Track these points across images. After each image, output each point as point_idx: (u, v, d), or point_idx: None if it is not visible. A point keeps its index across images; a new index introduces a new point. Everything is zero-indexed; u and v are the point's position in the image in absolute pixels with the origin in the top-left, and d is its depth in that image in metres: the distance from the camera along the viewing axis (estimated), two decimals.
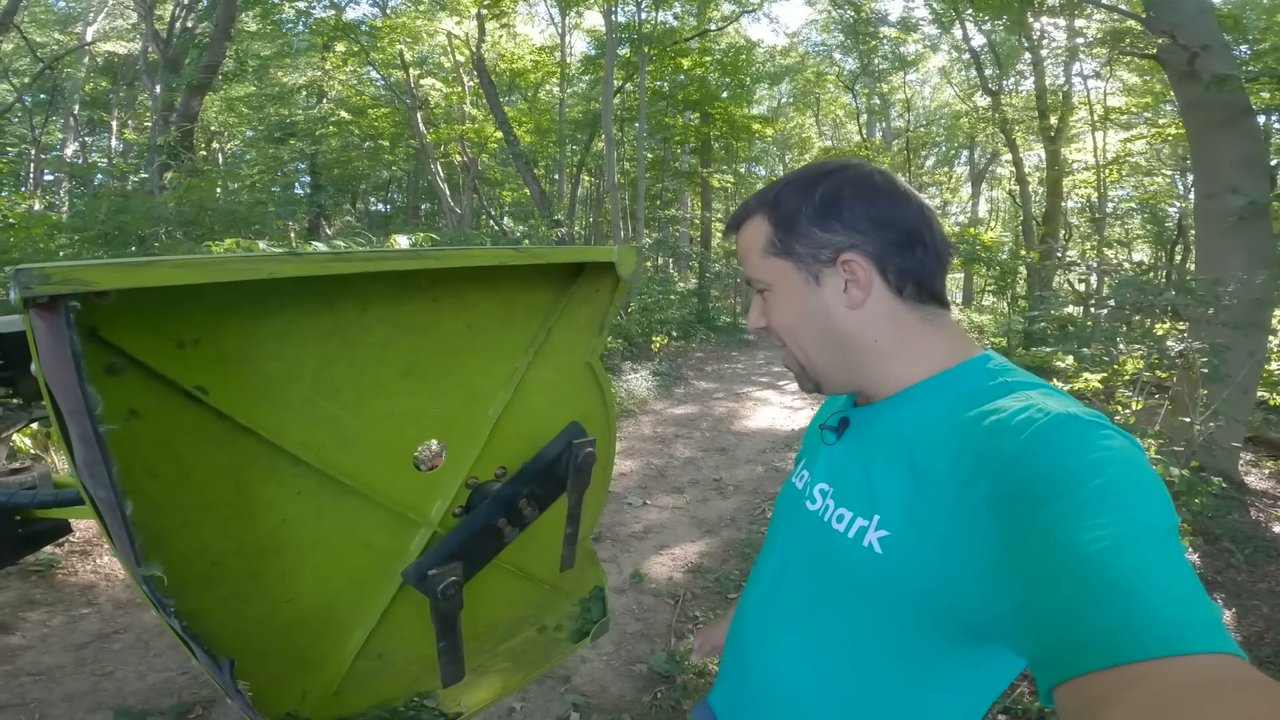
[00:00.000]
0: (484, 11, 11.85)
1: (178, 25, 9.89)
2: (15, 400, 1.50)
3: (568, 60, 15.28)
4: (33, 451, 3.82)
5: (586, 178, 18.45)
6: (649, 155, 16.30)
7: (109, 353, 0.67)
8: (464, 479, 1.07)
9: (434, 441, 1.03)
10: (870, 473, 0.71)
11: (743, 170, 17.40)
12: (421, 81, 14.58)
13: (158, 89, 9.63)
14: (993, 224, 23.65)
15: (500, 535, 1.08)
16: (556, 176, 16.56)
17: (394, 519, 0.99)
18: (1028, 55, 14.22)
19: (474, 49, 12.24)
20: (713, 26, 14.24)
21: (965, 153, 22.23)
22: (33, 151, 14.64)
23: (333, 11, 12.25)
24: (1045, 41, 12.87)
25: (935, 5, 14.07)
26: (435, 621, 0.96)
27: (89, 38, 12.81)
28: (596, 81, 14.66)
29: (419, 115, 14.09)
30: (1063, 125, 13.86)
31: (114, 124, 16.15)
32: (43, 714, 2.18)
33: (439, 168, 15.37)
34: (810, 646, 0.76)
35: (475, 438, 1.07)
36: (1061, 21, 11.87)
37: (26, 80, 12.45)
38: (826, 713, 0.76)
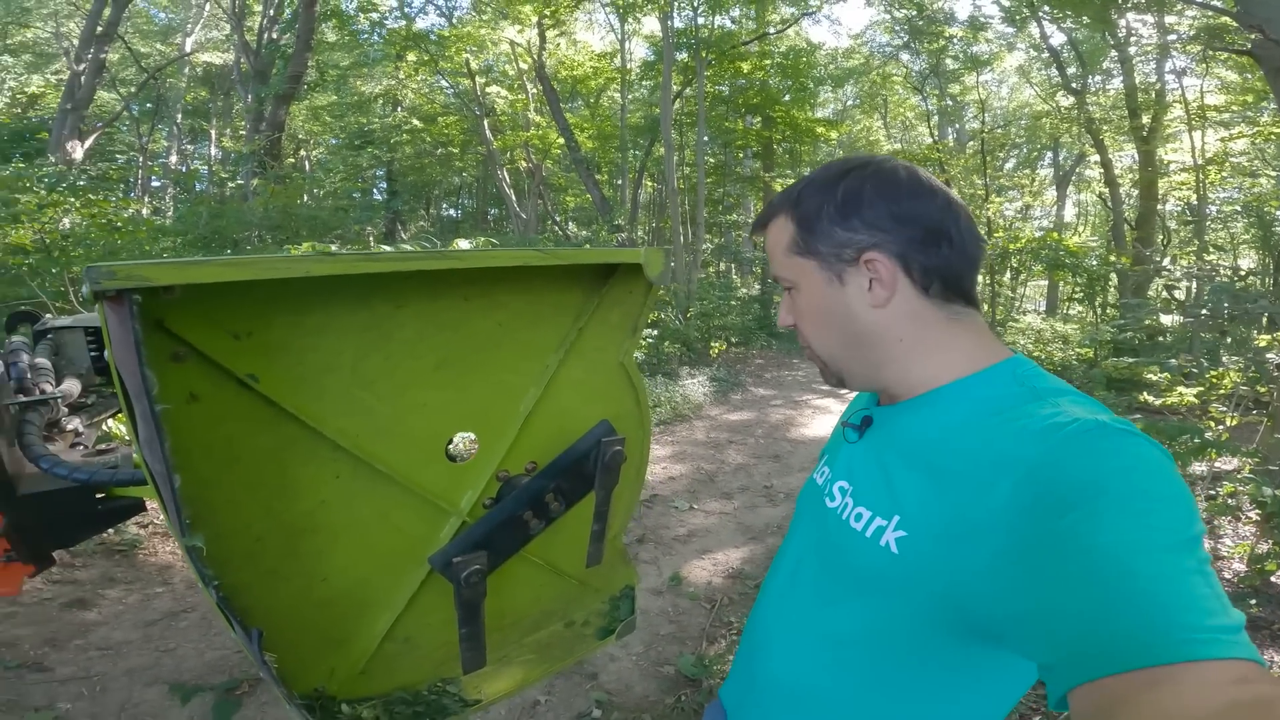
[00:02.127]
0: (544, 20, 12.11)
1: (265, 36, 10.55)
2: (110, 389, 1.64)
3: (627, 66, 15.39)
4: (125, 437, 4.15)
5: (649, 183, 18.56)
6: (710, 160, 16.24)
7: (173, 342, 0.74)
8: (494, 471, 1.11)
9: (466, 434, 1.07)
10: (890, 473, 0.71)
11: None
12: (488, 89, 15.02)
13: (249, 98, 10.31)
14: (1080, 229, 22.37)
15: (526, 528, 1.11)
16: (618, 182, 16.73)
17: (425, 506, 1.03)
18: (1114, 53, 13.42)
19: (535, 56, 12.54)
20: (771, 30, 14.09)
21: (1049, 155, 21.14)
22: (140, 159, 15.85)
23: (404, 22, 12.84)
24: (1133, 39, 12.12)
25: (1006, 3, 13.47)
26: (458, 608, 1.00)
27: (188, 48, 13.80)
28: (656, 87, 14.73)
29: (486, 122, 14.52)
30: (1156, 125, 13.01)
31: (213, 132, 17.33)
32: (104, 686, 2.34)
33: (505, 174, 15.79)
34: (822, 643, 0.76)
35: (506, 431, 1.10)
36: (1149, 18, 11.16)
37: (133, 89, 13.51)
38: (834, 711, 0.75)
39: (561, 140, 13.45)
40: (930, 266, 0.70)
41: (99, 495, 1.39)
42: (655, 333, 9.05)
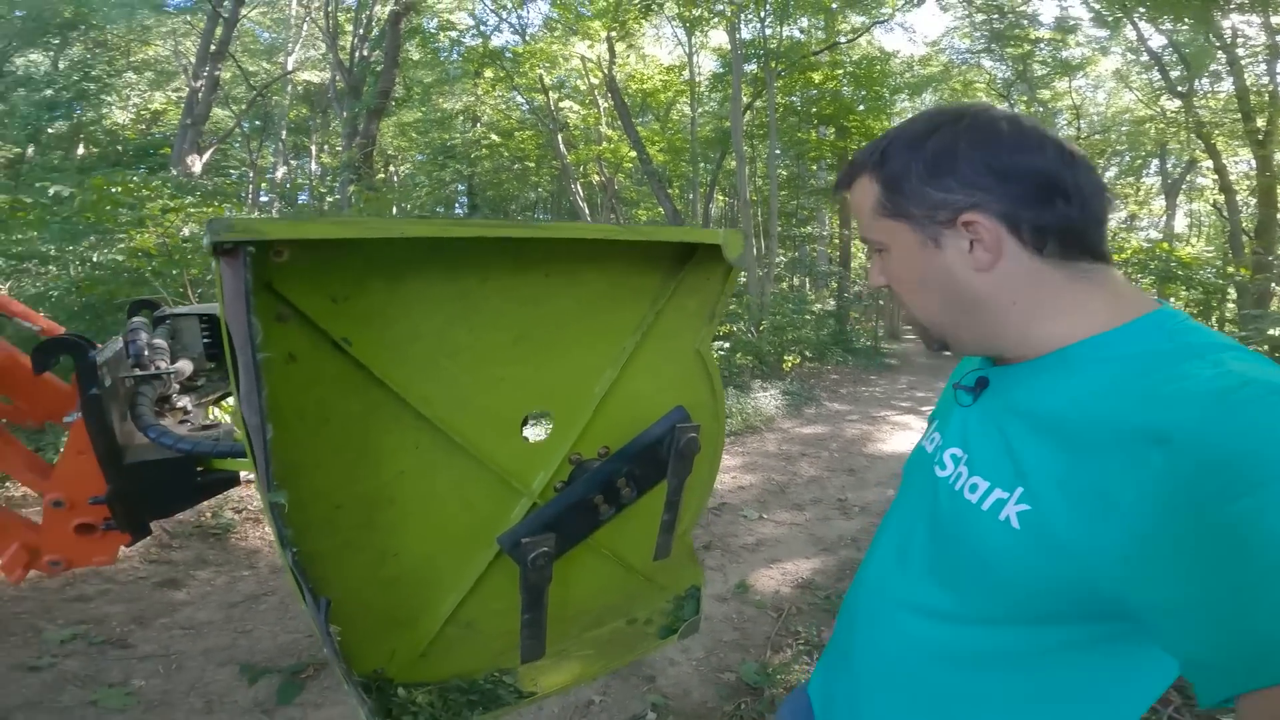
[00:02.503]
0: (613, 34, 12.34)
1: (357, 54, 11.23)
2: (219, 374, 1.75)
3: (696, 79, 15.46)
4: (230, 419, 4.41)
5: (720, 196, 18.53)
6: (782, 172, 16.06)
7: (279, 303, 0.78)
8: (567, 453, 1.10)
9: (541, 411, 1.07)
10: (1012, 441, 0.64)
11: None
12: (561, 104, 15.41)
13: (343, 113, 10.98)
14: (1194, 239, 20.76)
15: (596, 512, 1.10)
16: (690, 196, 16.77)
17: (498, 484, 1.03)
18: (1221, 54, 12.46)
19: (606, 71, 12.78)
20: (842, 39, 13.84)
21: (1155, 162, 19.76)
22: (250, 174, 17.07)
23: (480, 40, 13.37)
24: (1241, 40, 11.21)
25: (1096, 5, 12.72)
26: (522, 592, 0.99)
27: (290, 67, 14.83)
28: (726, 99, 14.72)
29: (560, 137, 14.90)
30: (1272, 128, 11.97)
31: (313, 148, 18.50)
32: (180, 665, 2.45)
33: (579, 188, 16.13)
34: (932, 626, 0.70)
35: (580, 413, 1.09)
36: (1255, 19, 10.30)
37: (243, 107, 14.61)
38: (945, 700, 0.69)
39: (633, 154, 13.63)
40: (1043, 224, 0.63)
41: (199, 469, 1.48)
42: (727, 345, 8.98)
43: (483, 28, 13.74)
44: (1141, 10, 11.91)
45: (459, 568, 1.06)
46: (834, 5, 12.93)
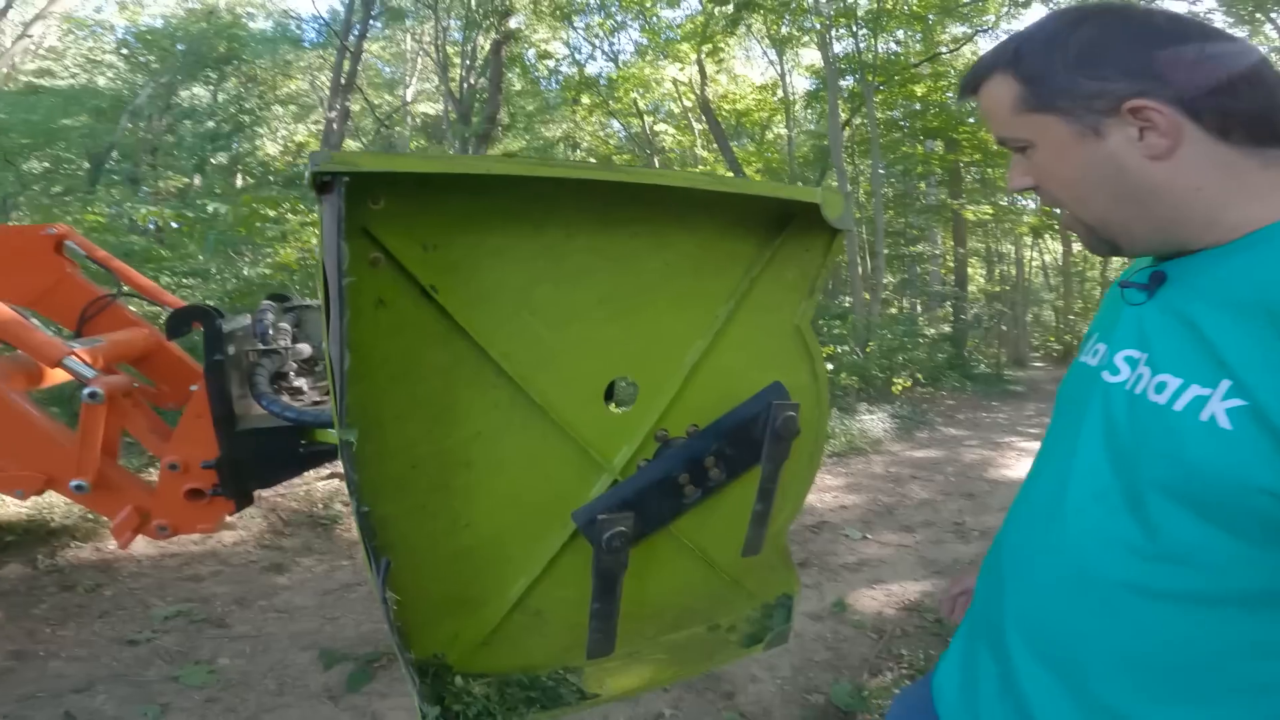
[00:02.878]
0: (703, 56, 12.45)
1: (465, 84, 11.98)
2: None
3: (790, 97, 15.28)
4: None
5: None
6: (888, 190, 15.49)
7: (373, 247, 0.79)
8: (653, 428, 1.04)
9: (626, 379, 1.02)
10: (1209, 332, 0.58)
11: (1004, 202, 15.52)
12: (655, 128, 15.68)
13: (455, 141, 11.70)
14: None
15: (680, 493, 1.02)
16: None
17: (578, 455, 0.98)
18: None
19: (698, 92, 12.89)
20: (944, 50, 13.23)
21: None
22: None
23: (576, 68, 13.94)
24: None
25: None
26: (594, 577, 0.94)
27: (409, 98, 16.03)
28: (823, 116, 14.43)
29: (656, 160, 15.14)
30: None
31: None
32: (266, 646, 2.53)
33: None
34: (1119, 568, 0.61)
35: (668, 383, 1.03)
36: None
37: (370, 138, 15.90)
38: (1140, 660, 0.60)
39: (730, 174, 13.62)
40: (1228, 109, 0.60)
41: (303, 440, 1.54)
42: (831, 366, 8.70)
43: (577, 56, 14.34)
44: None
45: (531, 546, 1.01)
46: (930, 17, 12.43)
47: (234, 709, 2.08)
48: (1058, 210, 0.72)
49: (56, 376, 1.59)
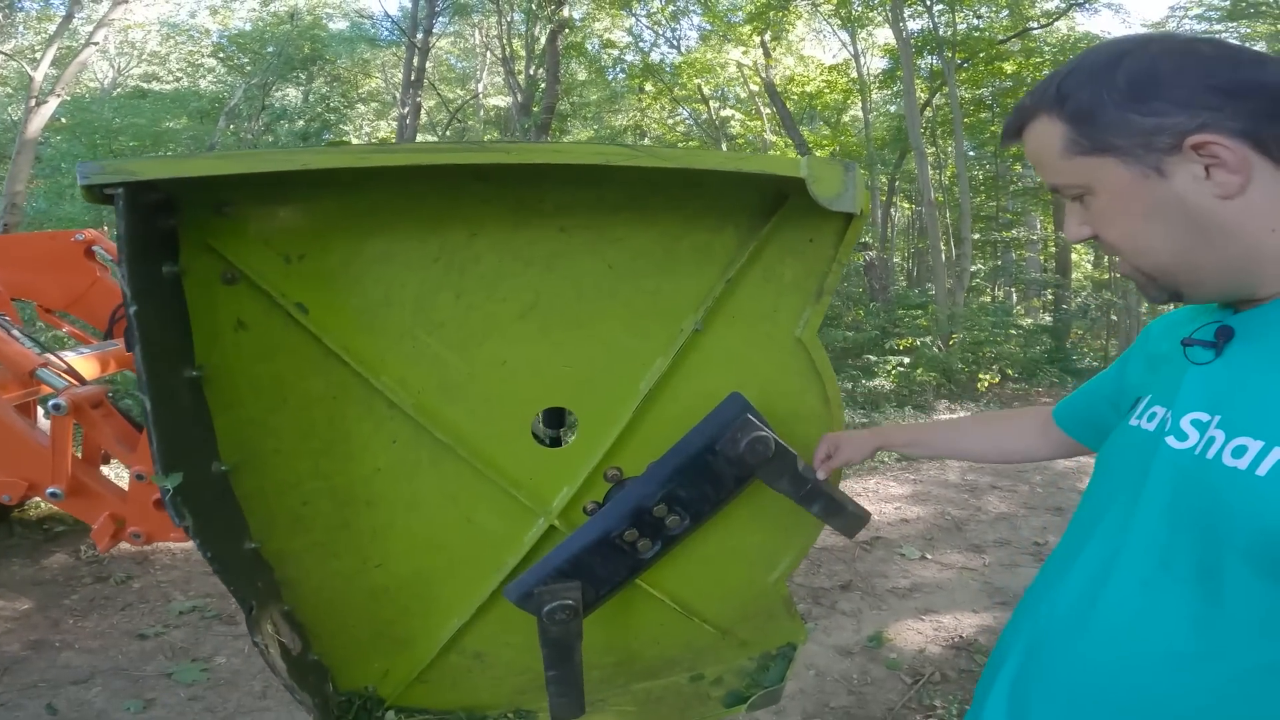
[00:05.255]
0: (766, 39, 12.01)
1: (522, 77, 12.03)
2: None
3: (865, 77, 14.54)
4: None
5: (905, 204, 17.25)
6: (977, 172, 14.53)
7: (222, 264, 0.68)
8: (599, 465, 0.86)
9: (560, 409, 0.85)
10: None
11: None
12: (722, 113, 15.30)
13: (517, 131, 11.81)
14: None
15: (632, 553, 0.84)
16: (871, 202, 15.74)
17: (503, 498, 0.83)
18: None
19: (763, 75, 12.44)
20: (1034, 26, 12.16)
21: None
22: None
23: (640, 56, 13.72)
24: None
25: None
26: (543, 646, 0.81)
27: (480, 92, 16.36)
28: (900, 95, 13.65)
29: (724, 146, 14.76)
30: None
31: None
32: None
33: None
34: (1198, 642, 0.58)
35: (617, 413, 0.85)
36: None
37: (444, 132, 16.36)
38: None
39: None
40: None
41: None
42: (907, 360, 8.20)
43: (640, 44, 14.13)
44: None
45: (458, 590, 0.89)
46: None
47: (213, 709, 2.08)
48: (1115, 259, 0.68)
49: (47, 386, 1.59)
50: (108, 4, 9.44)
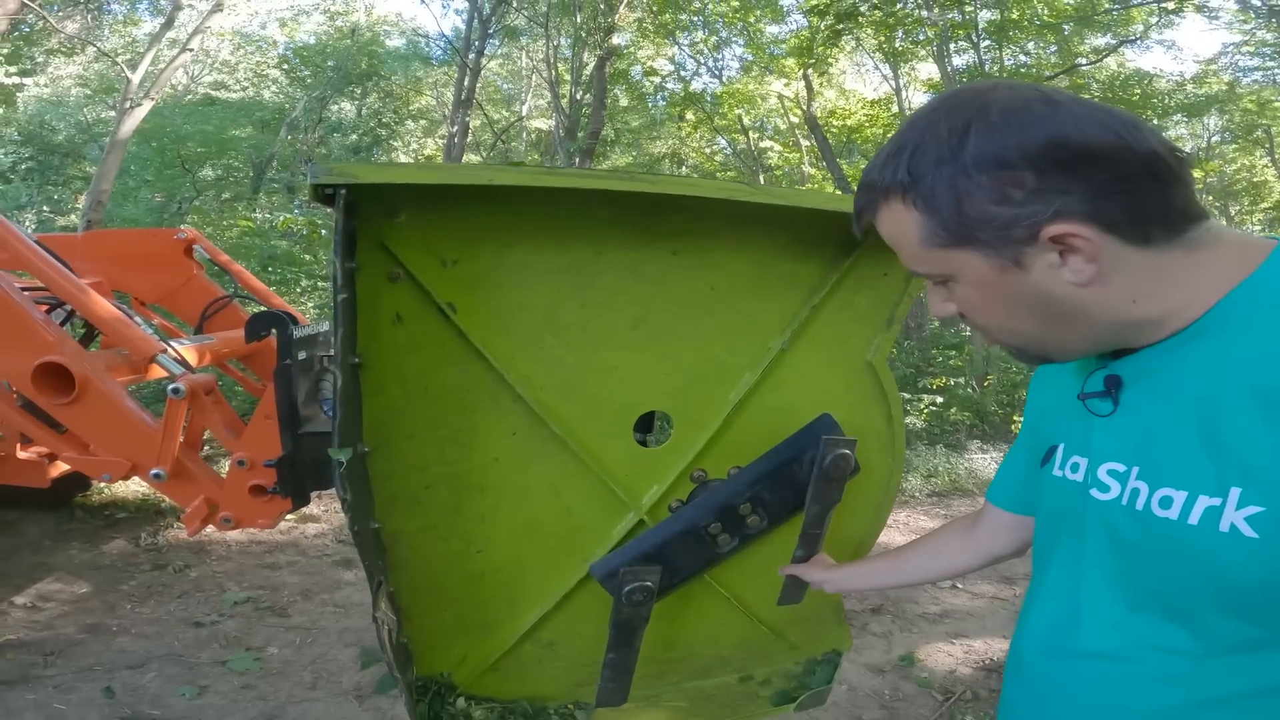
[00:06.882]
0: (810, 71, 12.11)
1: (565, 101, 12.31)
2: None
3: (907, 112, 14.57)
4: None
5: None
6: None
7: (391, 262, 0.77)
8: (688, 467, 0.94)
9: (659, 412, 0.94)
10: (1198, 430, 0.56)
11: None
12: (761, 145, 15.43)
13: (562, 155, 12.09)
14: None
15: (712, 545, 0.92)
16: None
17: (601, 491, 0.91)
18: None
19: (805, 108, 12.54)
20: (1083, 62, 12.07)
21: None
22: None
23: (681, 84, 13.92)
24: None
25: None
26: (612, 628, 0.88)
27: (524, 114, 16.75)
28: None
29: (762, 178, 14.88)
30: None
31: None
32: (315, 639, 2.55)
33: None
34: (1188, 666, 0.59)
35: (708, 420, 0.93)
36: None
37: (490, 152, 16.76)
38: None
39: (838, 193, 13.19)
40: (1142, 211, 0.55)
41: None
42: (940, 400, 8.14)
43: (682, 73, 14.34)
44: None
45: (547, 578, 0.96)
46: (1066, 26, 11.40)
47: (265, 697, 2.14)
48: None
49: (158, 371, 1.71)
50: (191, 12, 9.96)
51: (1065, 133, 0.54)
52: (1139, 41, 11.91)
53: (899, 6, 10.42)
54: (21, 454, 2.44)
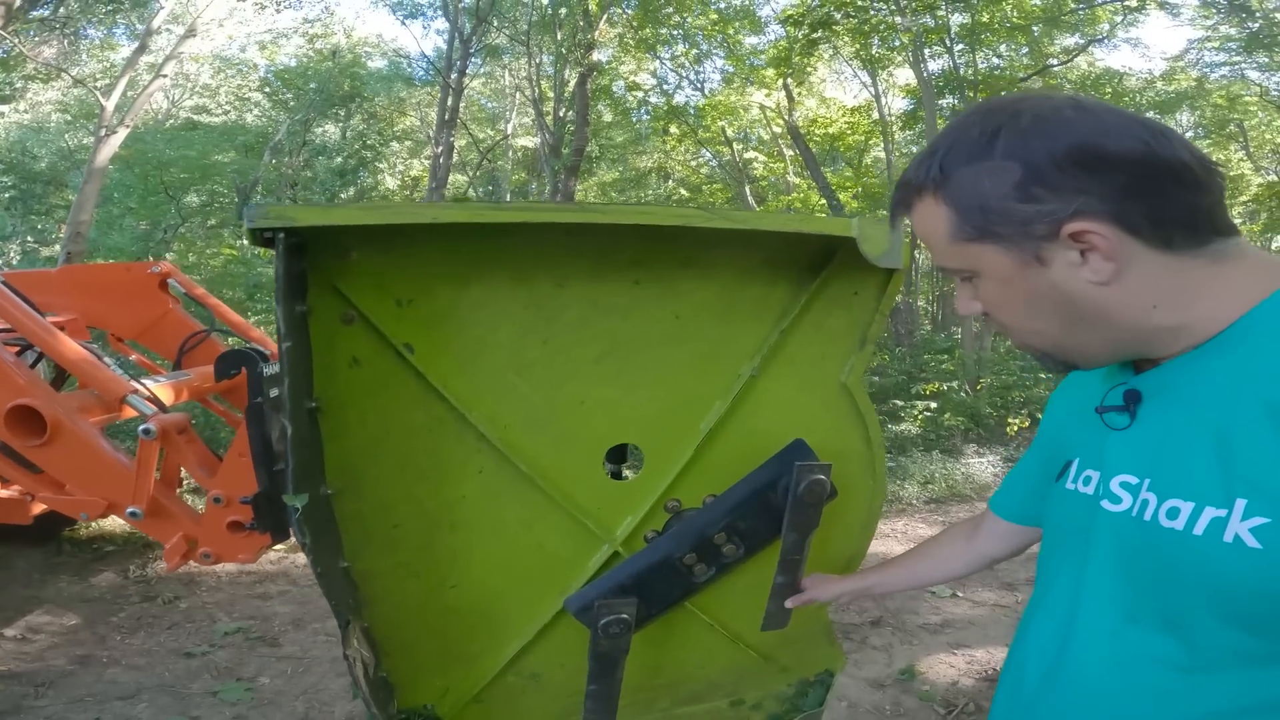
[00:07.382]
0: (789, 80, 12.21)
1: (550, 118, 12.35)
2: None
3: (886, 119, 14.69)
4: None
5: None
6: None
7: (344, 304, 0.76)
8: (661, 497, 0.93)
9: (629, 445, 0.93)
10: (1213, 446, 0.57)
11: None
12: (745, 156, 15.53)
13: (546, 172, 12.13)
14: None
15: (688, 575, 0.91)
16: None
17: (572, 525, 0.90)
18: None
19: (787, 118, 12.64)
20: (1054, 63, 12.27)
21: None
22: None
23: (664, 98, 14.01)
24: None
25: None
26: (591, 660, 0.87)
27: (509, 133, 16.78)
28: (922, 136, 13.78)
29: (748, 188, 14.97)
30: None
31: None
32: (308, 668, 2.53)
33: None
34: (1180, 680, 0.59)
35: (679, 450, 0.93)
36: None
37: (475, 172, 16.76)
38: None
39: (823, 201, 13.26)
40: (1164, 216, 0.57)
41: None
42: (934, 405, 8.15)
43: (665, 86, 14.44)
44: None
45: (524, 611, 0.95)
46: (1035, 28, 11.58)
47: None
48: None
49: (130, 410, 1.69)
50: (168, 36, 9.94)
51: (1091, 137, 0.56)
52: (1106, 40, 12.11)
53: (872, 14, 10.52)
54: (2, 493, 2.40)
